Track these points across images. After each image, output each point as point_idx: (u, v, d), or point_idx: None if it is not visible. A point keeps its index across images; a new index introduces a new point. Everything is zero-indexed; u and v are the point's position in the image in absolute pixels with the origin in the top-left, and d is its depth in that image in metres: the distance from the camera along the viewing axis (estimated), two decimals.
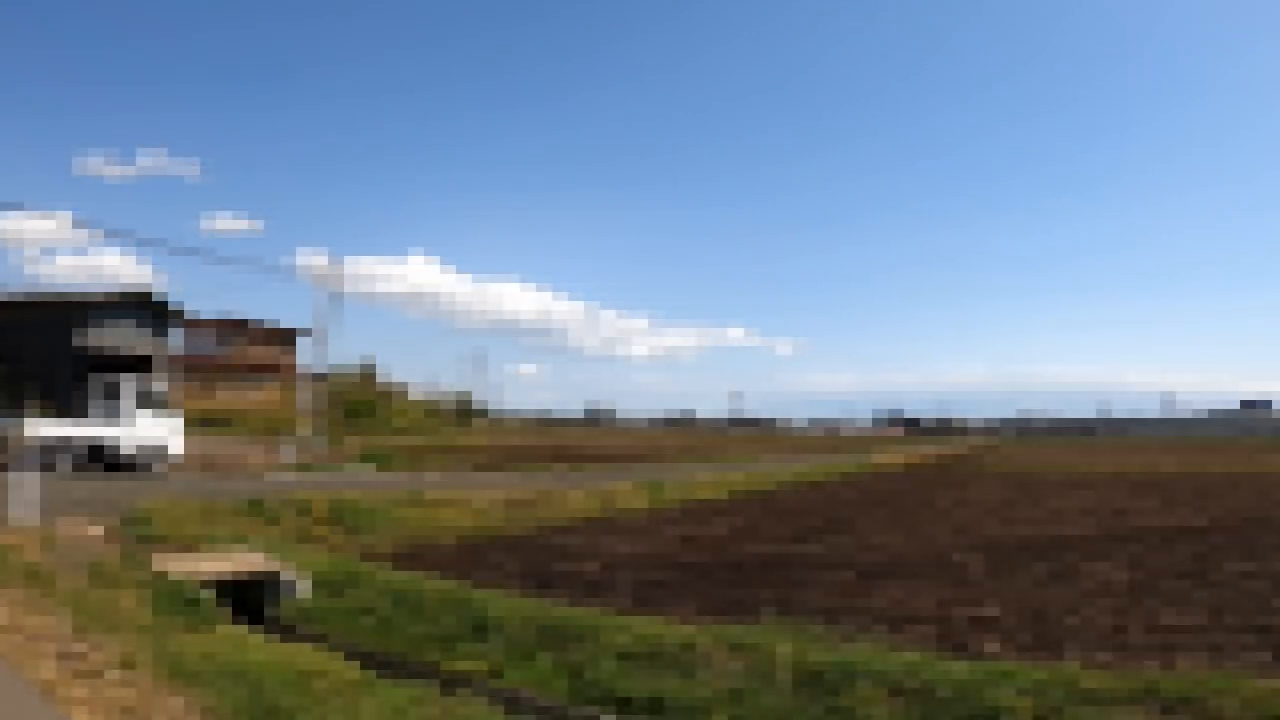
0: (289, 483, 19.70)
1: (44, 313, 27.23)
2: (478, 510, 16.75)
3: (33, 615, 6.50)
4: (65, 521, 10.39)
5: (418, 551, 13.01)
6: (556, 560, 12.50)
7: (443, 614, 8.61)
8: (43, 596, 7.19)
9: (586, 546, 13.98)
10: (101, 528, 10.54)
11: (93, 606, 7.26)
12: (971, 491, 26.78)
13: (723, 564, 12.66)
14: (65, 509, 11.24)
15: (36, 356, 26.85)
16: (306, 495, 14.61)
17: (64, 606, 6.95)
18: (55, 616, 6.59)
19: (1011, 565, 12.14)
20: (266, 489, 16.36)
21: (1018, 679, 6.05)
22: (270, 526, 12.54)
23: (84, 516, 10.98)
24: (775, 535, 15.74)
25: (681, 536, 15.56)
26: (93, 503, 12.48)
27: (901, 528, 16.98)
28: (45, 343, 26.98)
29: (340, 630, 8.82)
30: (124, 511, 11.52)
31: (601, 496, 21.13)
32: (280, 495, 14.48)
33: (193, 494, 14.24)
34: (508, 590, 10.14)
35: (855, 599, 9.89)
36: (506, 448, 45.08)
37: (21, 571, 7.84)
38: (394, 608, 8.99)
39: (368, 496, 15.34)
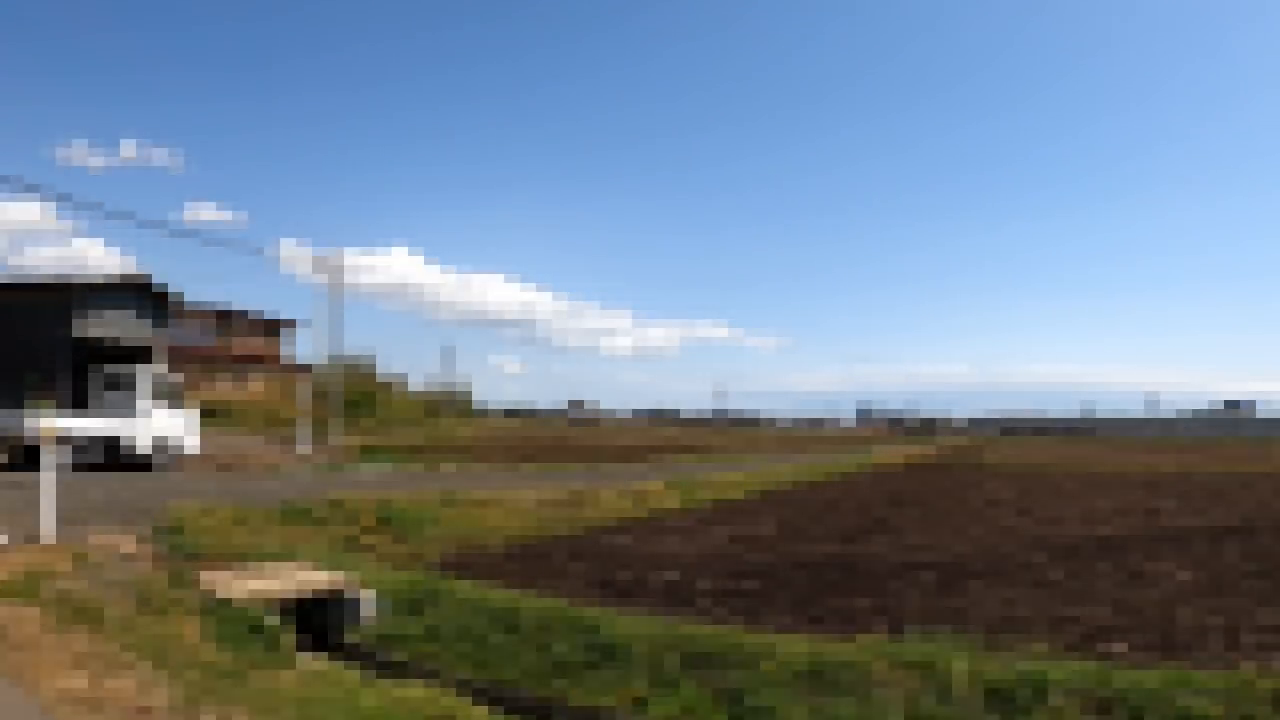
0: (312, 482, 18.66)
1: (35, 298, 26.21)
2: (518, 511, 16.04)
3: (112, 676, 5.23)
4: (93, 534, 9.14)
5: (469, 557, 12.18)
6: (619, 566, 11.79)
7: (553, 636, 7.71)
8: (100, 637, 6.04)
9: (642, 550, 13.35)
10: (134, 540, 9.27)
11: (151, 642, 6.18)
12: (991, 490, 26.40)
13: (792, 567, 11.81)
14: (84, 516, 10.24)
15: (27, 345, 25.92)
16: (345, 497, 13.54)
17: (127, 650, 5.81)
18: (135, 675, 5.31)
19: (1079, 566, 11.86)
20: (295, 490, 15.36)
21: (1194, 684, 5.84)
22: (314, 533, 11.46)
23: (109, 526, 9.77)
24: (823, 535, 15.20)
25: (730, 537, 14.94)
26: (112, 508, 11.38)
27: (944, 527, 16.35)
28: (37, 330, 26.01)
29: (431, 658, 7.78)
30: (153, 519, 10.39)
31: (633, 495, 20.43)
32: (317, 497, 13.40)
33: (220, 496, 13.22)
34: (584, 600, 9.30)
35: (949, 603, 9.51)
36: (507, 443, 44.59)
37: (69, 606, 6.58)
38: (491, 629, 8.03)
39: (409, 498, 14.35)
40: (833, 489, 28.85)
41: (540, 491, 18.26)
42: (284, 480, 18.73)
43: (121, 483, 16.00)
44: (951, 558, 12.61)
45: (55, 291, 25.70)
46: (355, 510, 12.96)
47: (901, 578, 11.07)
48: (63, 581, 7.05)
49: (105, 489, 13.96)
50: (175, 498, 13.13)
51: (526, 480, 21.55)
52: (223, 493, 14.09)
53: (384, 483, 18.70)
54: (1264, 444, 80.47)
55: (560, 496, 18.13)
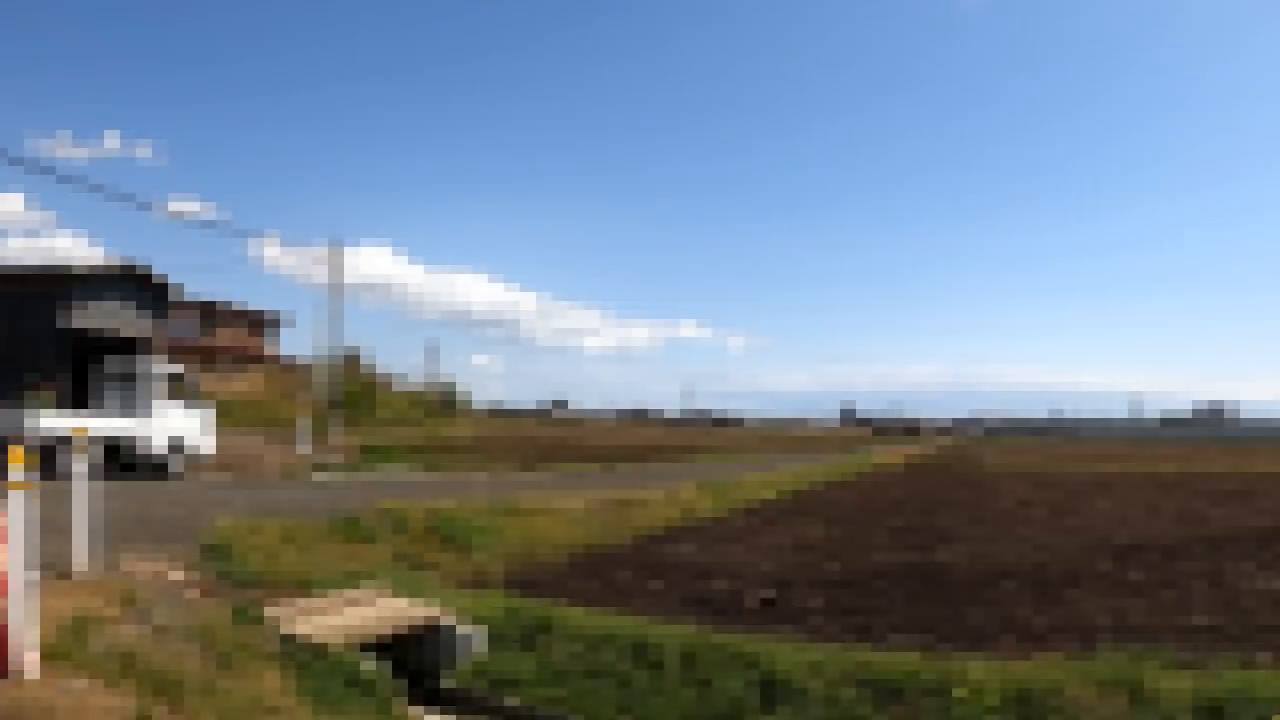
0: (340, 488, 17.39)
1: (24, 288, 24.67)
2: (569, 519, 14.91)
3: None
4: (134, 561, 7.63)
5: (533, 572, 11.16)
6: (695, 579, 10.99)
7: (706, 671, 6.70)
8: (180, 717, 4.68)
9: (708, 560, 12.54)
10: (179, 567, 7.80)
11: (238, 712, 4.93)
12: (1013, 493, 26.01)
13: (874, 577, 11.13)
14: (110, 534, 8.51)
15: (16, 337, 24.38)
16: (392, 507, 12.18)
17: None
18: None
19: (1157, 571, 11.45)
20: (326, 498, 14.06)
21: None
22: (368, 549, 10.17)
23: (143, 547, 8.27)
24: (883, 543, 14.65)
25: (790, 545, 14.31)
26: (137, 522, 9.90)
27: (998, 532, 15.76)
28: (27, 322, 24.49)
29: (561, 703, 6.60)
30: (190, 536, 8.96)
31: (672, 501, 19.54)
32: (363, 509, 12.02)
33: (251, 507, 11.84)
34: (676, 618, 8.44)
35: (1059, 613, 9.01)
36: (507, 443, 43.54)
37: (130, 668, 5.14)
38: (629, 665, 6.92)
39: (460, 508, 12.99)
40: (855, 491, 28.37)
41: (583, 498, 17.39)
42: (308, 487, 17.41)
43: (137, 491, 14.65)
44: (1028, 565, 12.05)
45: (46, 281, 24.17)
46: (406, 522, 11.88)
47: (993, 586, 10.50)
48: (112, 631, 5.55)
49: (122, 499, 12.49)
50: (201, 507, 12.02)
51: (558, 484, 20.65)
52: (251, 503, 12.92)
53: (414, 488, 17.66)
54: (1247, 447, 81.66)
55: (603, 502, 17.31)
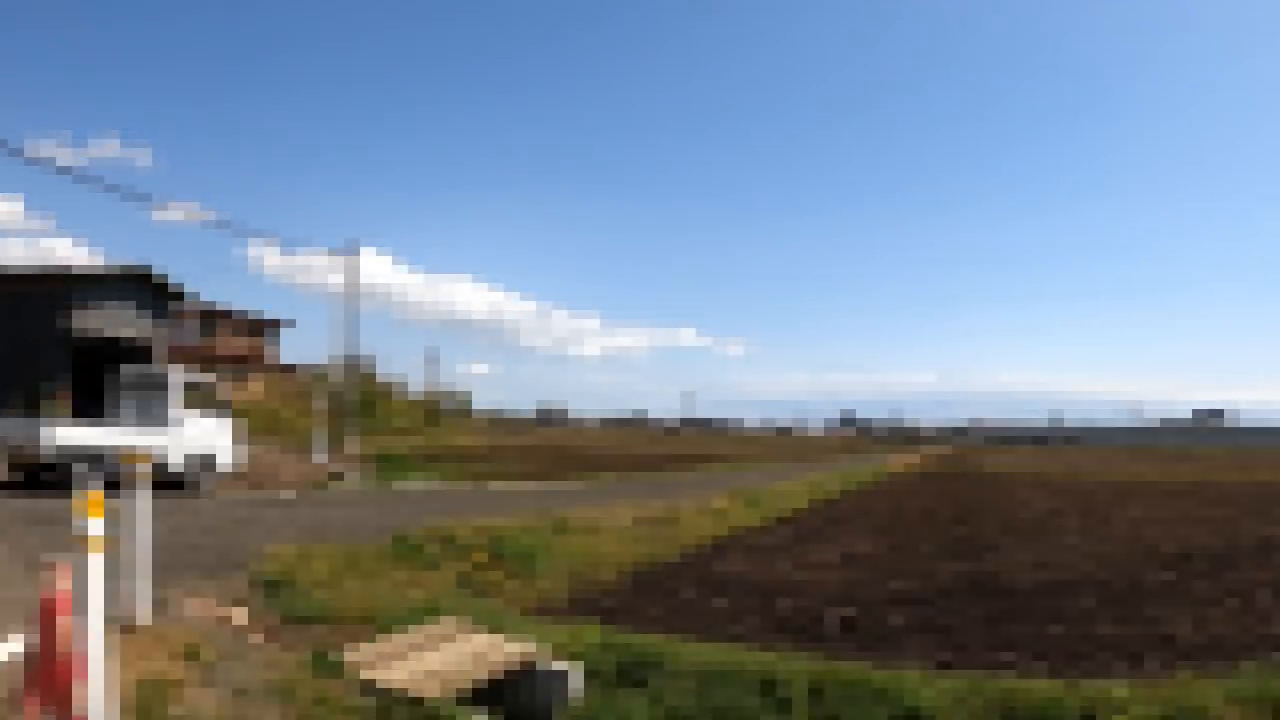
0: (371, 502, 16.30)
1: (22, 288, 23.55)
2: (619, 535, 14.12)
3: None
4: (190, 602, 6.64)
5: (596, 594, 10.27)
6: (759, 597, 10.29)
7: (843, 707, 5.92)
8: None
9: (767, 576, 11.85)
10: (241, 608, 6.81)
11: None
12: (1038, 501, 25.56)
13: (939, 593, 10.56)
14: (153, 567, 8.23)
15: (18, 341, 23.21)
16: (445, 526, 11.22)
17: None
18: None
19: (1218, 580, 11.06)
20: (367, 516, 13.07)
21: None
22: (429, 574, 9.27)
23: (194, 581, 7.29)
24: (932, 553, 14.16)
25: (841, 558, 13.63)
26: (179, 550, 8.81)
27: (1039, 543, 15.28)
28: (24, 324, 23.37)
29: None
30: (238, 566, 7.94)
31: (710, 513, 18.63)
32: (416, 529, 11.02)
33: (293, 528, 10.88)
34: (763, 643, 7.75)
35: (1139, 627, 8.56)
36: (518, 451, 42.58)
37: None
38: (761, 703, 6.09)
39: (513, 526, 12.05)
40: (880, 499, 27.65)
41: (624, 511, 16.51)
42: (340, 502, 16.19)
43: (163, 510, 13.60)
44: (1088, 576, 11.59)
45: (47, 282, 23.09)
46: (463, 542, 10.94)
47: (1063, 599, 10.00)
48: (189, 700, 4.58)
49: (154, 522, 11.65)
50: (238, 529, 11.04)
51: (590, 497, 19.72)
52: (289, 523, 11.90)
53: (449, 502, 16.72)
54: (1248, 452, 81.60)
55: (647, 516, 16.42)
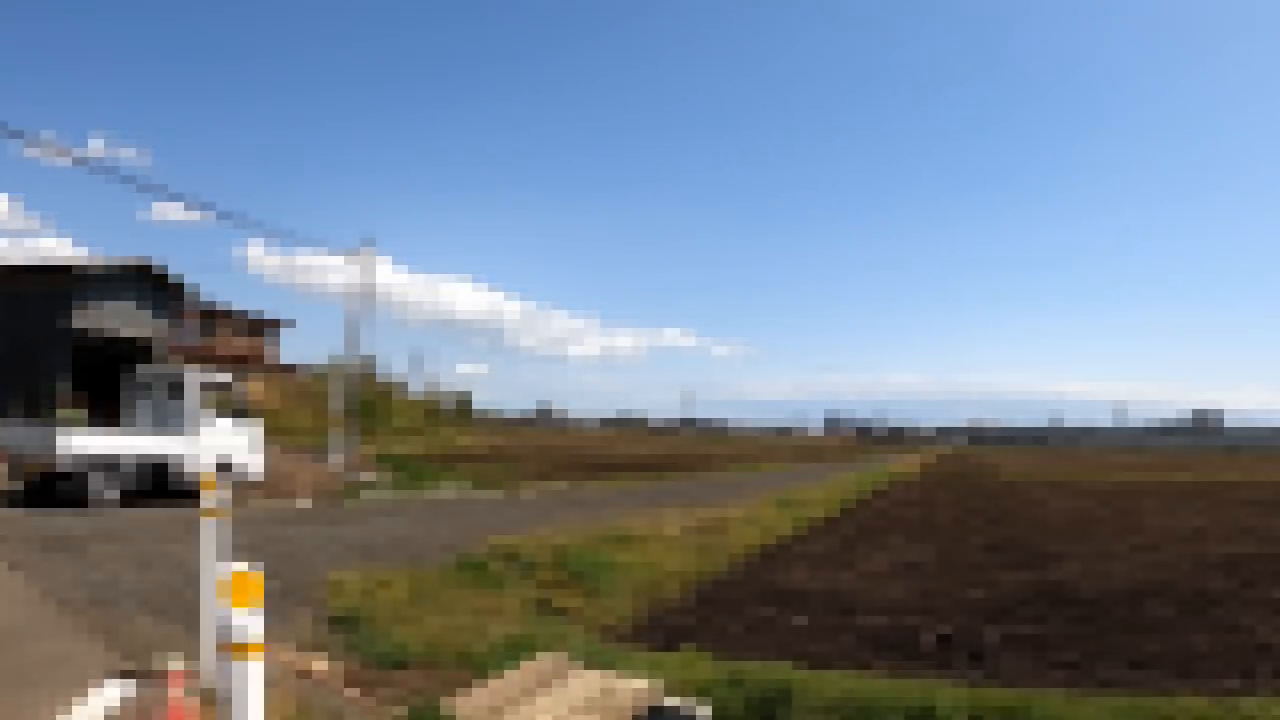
0: (409, 513, 15.25)
1: (18, 285, 22.35)
2: (674, 546, 13.43)
3: None
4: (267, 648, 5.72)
5: (669, 612, 9.42)
6: (837, 612, 9.41)
7: None
8: None
9: (831, 586, 10.98)
10: (314, 647, 5.93)
11: None
12: (1061, 504, 24.97)
13: (1018, 603, 9.94)
14: None
15: (17, 339, 22.02)
16: (507, 543, 10.37)
17: None
18: None
19: None
20: (414, 529, 12.21)
21: None
22: (501, 597, 8.37)
23: None
24: (983, 561, 13.26)
25: (902, 566, 12.91)
26: None
27: (1085, 548, 14.72)
28: (22, 324, 22.18)
29: None
30: (299, 597, 7.01)
31: (753, 520, 17.73)
32: (477, 547, 10.21)
33: (341, 546, 10.01)
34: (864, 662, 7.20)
35: (1227, 636, 8.18)
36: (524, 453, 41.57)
37: None
38: None
39: (573, 539, 11.28)
40: (906, 503, 26.85)
41: (670, 520, 15.68)
42: (380, 513, 15.13)
43: (190, 526, 12.46)
44: (1145, 582, 11.19)
45: (48, 279, 21.91)
46: (527, 559, 10.02)
47: (1134, 607, 9.62)
48: None
49: (186, 540, 10.44)
50: (284, 548, 10.07)
51: (624, 503, 18.83)
52: (333, 540, 10.88)
53: (493, 512, 15.77)
54: (1241, 454, 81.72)
55: (694, 525, 15.55)
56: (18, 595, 7.01)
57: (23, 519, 12.01)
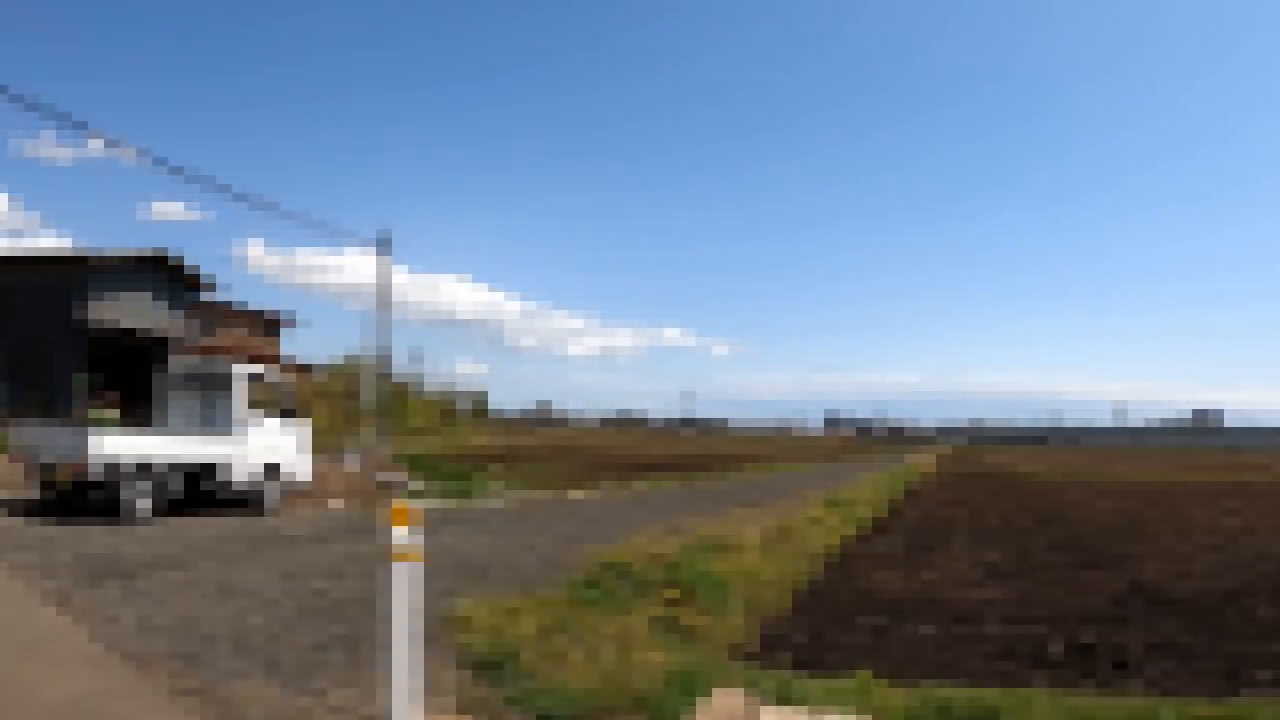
0: (471, 520, 14.09)
1: (31, 277, 21.08)
2: (762, 552, 12.69)
3: None
4: None
5: (784, 626, 8.51)
6: (946, 617, 8.83)
7: None
8: None
9: (926, 591, 10.38)
10: (469, 704, 4.81)
11: None
12: (1096, 502, 24.56)
13: (1126, 606, 9.39)
14: (285, 626, 6.10)
15: (23, 336, 20.75)
16: (615, 558, 9.45)
17: None
18: None
19: None
20: (494, 541, 11.23)
21: None
22: (626, 619, 7.56)
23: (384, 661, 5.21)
24: (1059, 562, 12.74)
25: (983, 568, 12.17)
26: (315, 611, 6.74)
27: (1150, 546, 14.29)
28: (35, 317, 20.93)
29: None
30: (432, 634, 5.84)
31: (812, 521, 16.78)
32: (588, 562, 9.31)
33: (444, 568, 9.05)
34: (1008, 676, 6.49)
35: None
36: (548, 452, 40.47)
37: None
38: None
39: (675, 550, 10.29)
40: (947, 502, 26.02)
41: (750, 525, 14.77)
42: (450, 523, 13.74)
43: (243, 537, 11.05)
44: (1233, 583, 10.78)
45: (61, 270, 20.62)
46: (637, 574, 9.02)
47: (1237, 609, 9.18)
48: None
49: (254, 560, 8.93)
50: (362, 568, 8.93)
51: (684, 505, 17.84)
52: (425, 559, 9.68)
53: (558, 518, 14.67)
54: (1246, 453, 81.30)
55: (769, 528, 14.66)
56: (79, 648, 5.55)
57: (56, 536, 10.55)
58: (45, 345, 20.20)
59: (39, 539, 10.19)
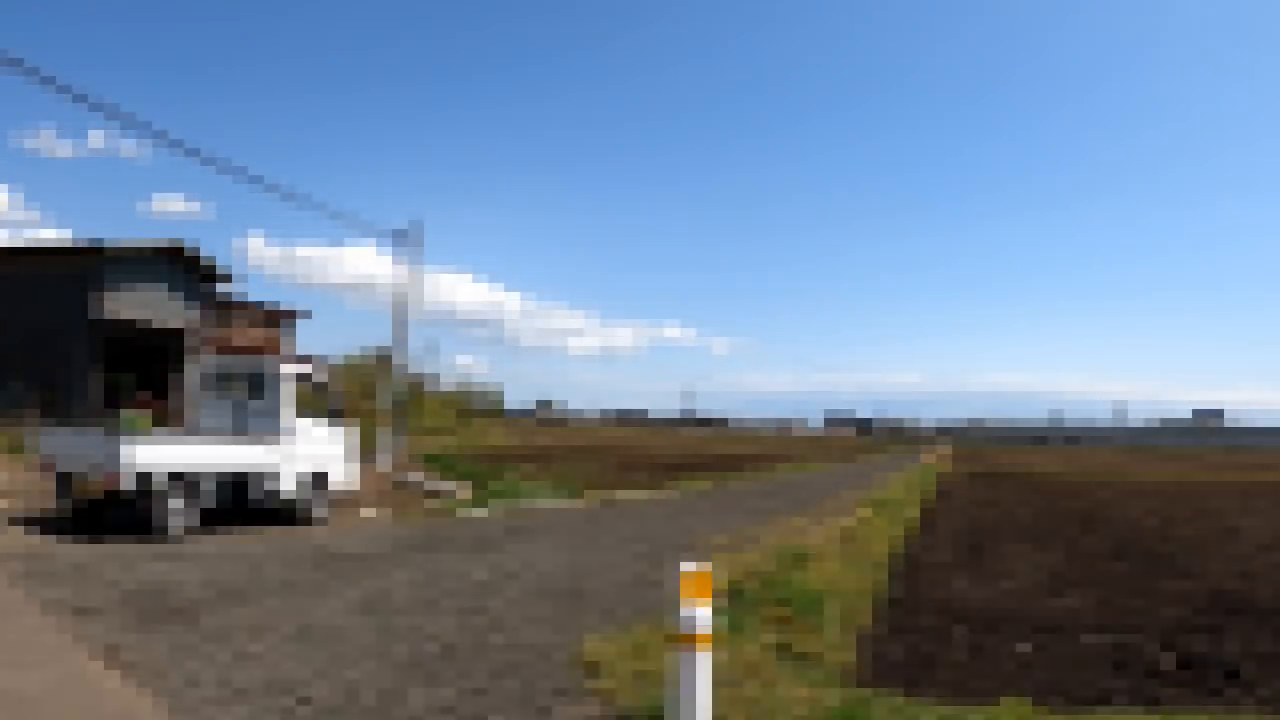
0: (530, 530, 13.10)
1: (40, 268, 20.03)
2: (830, 558, 11.99)
3: None
4: None
5: (883, 643, 7.72)
6: (1041, 630, 8.38)
7: None
8: None
9: (1002, 601, 9.91)
10: None
11: None
12: (1125, 503, 23.89)
13: (1215, 615, 8.93)
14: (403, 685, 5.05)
15: (31, 330, 19.70)
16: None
17: None
18: None
19: None
20: (582, 557, 10.43)
21: None
22: (739, 640, 6.42)
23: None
24: (1123, 570, 12.19)
25: (1047, 575, 11.71)
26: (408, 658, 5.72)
27: (1202, 552, 13.85)
28: (44, 311, 19.88)
29: None
30: (551, 685, 5.12)
31: (865, 524, 16.19)
32: (655, 573, 8.72)
33: (512, 586, 8.30)
34: None
35: None
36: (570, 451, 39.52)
37: None
38: None
39: (764, 562, 9.80)
40: (980, 505, 25.34)
41: (818, 531, 13.99)
42: (511, 533, 12.78)
43: (292, 557, 9.90)
44: None
45: (73, 262, 19.57)
46: (734, 590, 8.23)
47: None
48: None
49: (322, 594, 7.79)
50: (451, 593, 8.00)
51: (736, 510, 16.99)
52: (508, 581, 8.56)
53: (616, 526, 13.83)
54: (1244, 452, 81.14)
55: (829, 534, 13.86)
56: None
57: (89, 561, 9.20)
58: (56, 340, 19.15)
59: (70, 565, 8.90)
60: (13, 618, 6.66)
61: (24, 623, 6.51)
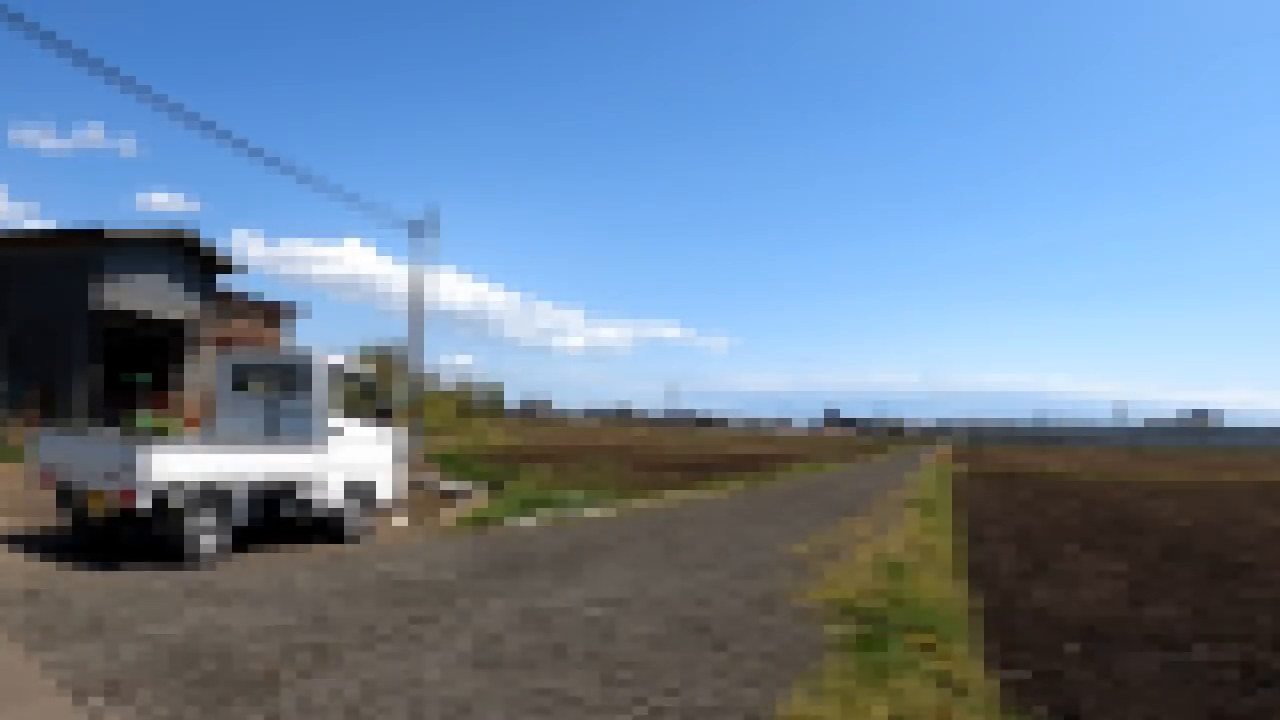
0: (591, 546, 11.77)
1: (38, 255, 18.82)
2: (925, 568, 11.25)
3: None
4: None
5: (1017, 664, 7.15)
6: (1150, 646, 7.91)
7: None
8: None
9: (1094, 610, 9.46)
10: None
11: None
12: (1148, 503, 23.27)
13: None
14: None
15: (28, 322, 18.52)
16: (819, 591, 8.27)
17: None
18: None
19: None
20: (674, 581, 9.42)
21: None
22: (899, 677, 6.10)
23: None
24: (1191, 574, 11.85)
25: (1126, 580, 11.36)
26: None
27: (1250, 553, 13.48)
28: (42, 301, 18.70)
29: None
30: None
31: (926, 529, 15.63)
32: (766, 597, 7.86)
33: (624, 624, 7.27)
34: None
35: None
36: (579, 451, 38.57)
37: None
38: None
39: (850, 572, 9.05)
40: (1009, 508, 24.81)
41: (884, 539, 13.19)
42: (575, 548, 11.46)
43: (341, 584, 8.52)
44: None
45: (72, 248, 18.38)
46: (863, 612, 7.49)
47: None
48: None
49: (416, 644, 6.30)
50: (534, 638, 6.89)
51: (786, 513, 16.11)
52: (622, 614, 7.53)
53: (679, 537, 12.86)
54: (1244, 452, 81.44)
55: (898, 541, 13.11)
56: None
57: (111, 602, 7.33)
58: (54, 331, 17.98)
59: (89, 610, 6.96)
60: (13, 702, 4.70)
61: (28, 711, 4.56)
